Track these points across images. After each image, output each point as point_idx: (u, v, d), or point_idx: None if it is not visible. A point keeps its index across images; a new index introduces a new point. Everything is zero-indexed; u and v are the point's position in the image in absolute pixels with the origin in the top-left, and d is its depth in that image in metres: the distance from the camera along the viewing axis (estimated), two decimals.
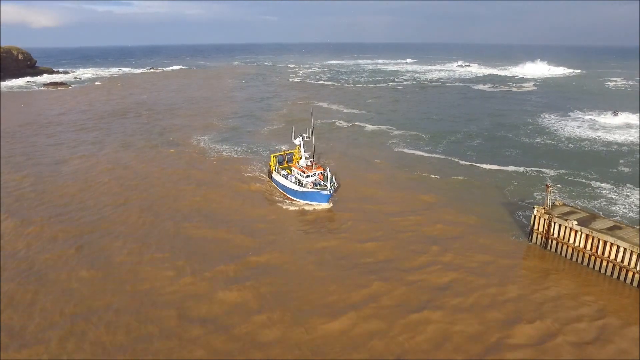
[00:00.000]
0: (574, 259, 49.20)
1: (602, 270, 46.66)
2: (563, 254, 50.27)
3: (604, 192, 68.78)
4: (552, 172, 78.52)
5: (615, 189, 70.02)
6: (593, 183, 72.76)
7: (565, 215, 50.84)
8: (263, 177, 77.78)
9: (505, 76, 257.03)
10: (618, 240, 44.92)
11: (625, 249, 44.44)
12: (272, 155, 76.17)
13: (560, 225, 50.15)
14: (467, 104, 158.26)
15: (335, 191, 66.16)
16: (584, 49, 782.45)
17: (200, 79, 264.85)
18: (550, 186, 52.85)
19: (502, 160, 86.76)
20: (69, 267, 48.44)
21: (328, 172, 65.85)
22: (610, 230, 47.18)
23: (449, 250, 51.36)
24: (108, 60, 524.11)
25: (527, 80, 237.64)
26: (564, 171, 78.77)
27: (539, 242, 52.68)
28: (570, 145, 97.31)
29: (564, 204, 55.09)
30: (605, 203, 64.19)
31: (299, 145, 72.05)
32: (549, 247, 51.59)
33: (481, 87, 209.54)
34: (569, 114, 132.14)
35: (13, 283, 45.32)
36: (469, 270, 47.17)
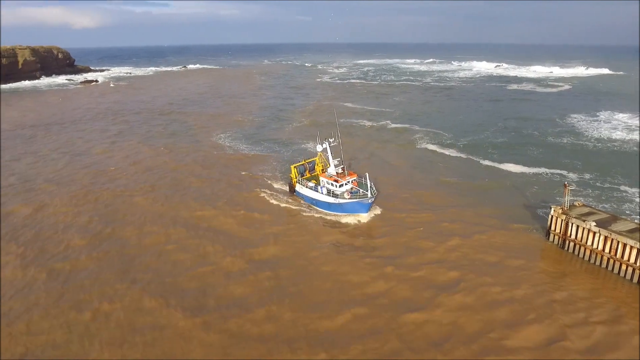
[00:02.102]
0: (592, 261, 47.21)
1: (622, 274, 44.61)
2: (580, 255, 48.32)
3: (632, 196, 65.63)
4: (576, 173, 75.58)
5: None
6: (621, 187, 69.51)
7: (583, 216, 48.83)
8: (277, 176, 76.16)
9: (539, 77, 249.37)
10: (639, 243, 42.82)
11: None
12: (292, 167, 68.40)
13: (577, 226, 48.22)
14: (496, 103, 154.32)
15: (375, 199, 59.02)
16: (625, 49, 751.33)
17: (229, 78, 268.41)
18: (569, 186, 50.89)
19: (525, 159, 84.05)
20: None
21: (367, 178, 58.24)
22: (631, 232, 44.98)
23: (461, 248, 50.18)
24: (143, 59, 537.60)
25: (562, 80, 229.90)
26: (589, 174, 75.53)
27: (556, 243, 50.83)
28: (599, 145, 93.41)
29: (584, 205, 52.94)
30: (633, 207, 61.22)
31: (322, 151, 65.67)
32: (566, 248, 49.70)
33: (514, 86, 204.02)
34: (602, 115, 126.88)
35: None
36: (479, 268, 45.92)
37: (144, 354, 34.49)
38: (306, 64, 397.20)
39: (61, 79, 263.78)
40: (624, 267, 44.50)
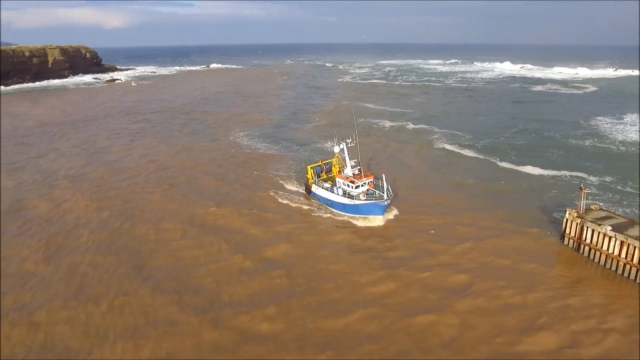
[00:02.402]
0: (608, 266, 46.32)
1: (638, 280, 43.67)
2: (596, 260, 47.45)
3: None
4: (597, 176, 74.12)
5: None
6: None
7: (599, 220, 47.93)
8: (291, 176, 76.42)
9: (564, 78, 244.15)
10: None
11: None
12: (308, 167, 67.72)
13: (593, 231, 47.38)
14: (519, 105, 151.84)
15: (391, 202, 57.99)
16: None
17: (251, 77, 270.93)
18: (584, 189, 50.00)
19: (544, 162, 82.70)
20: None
21: (384, 180, 57.06)
22: None
23: (474, 251, 49.78)
24: (168, 58, 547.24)
25: (589, 81, 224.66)
26: (610, 177, 73.86)
27: (571, 247, 50.03)
28: (622, 149, 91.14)
29: (601, 209, 51.94)
30: None
31: (339, 152, 64.74)
32: (581, 252, 48.88)
33: (538, 88, 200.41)
34: (627, 118, 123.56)
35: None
36: (490, 272, 45.52)
37: (154, 346, 35.42)
38: (328, 64, 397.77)
39: (88, 78, 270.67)
40: None
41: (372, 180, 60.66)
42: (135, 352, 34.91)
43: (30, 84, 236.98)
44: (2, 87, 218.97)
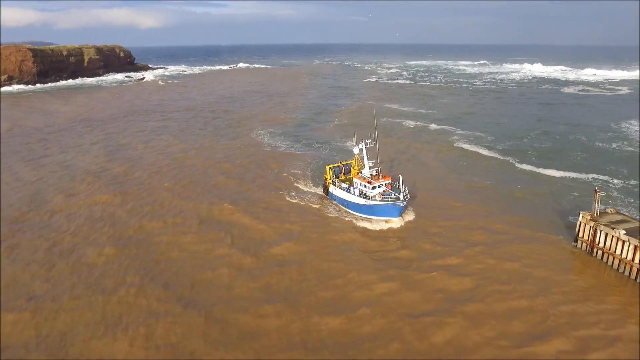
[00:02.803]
0: (621, 271, 45.26)
1: None
2: (609, 264, 46.41)
3: None
4: (621, 180, 72.29)
5: None
6: None
7: (614, 224, 46.84)
8: (307, 175, 76.33)
9: (597, 80, 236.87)
10: None
11: None
12: (327, 167, 66.99)
13: (606, 234, 46.38)
14: (547, 107, 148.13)
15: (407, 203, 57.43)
16: None
17: (278, 77, 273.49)
18: (599, 191, 48.92)
19: (567, 165, 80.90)
20: None
21: (400, 182, 56.81)
22: None
23: (482, 255, 49.10)
24: (199, 58, 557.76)
25: (622, 83, 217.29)
26: (635, 181, 71.83)
27: (584, 251, 49.09)
28: None
29: (617, 212, 50.71)
30: None
31: (358, 154, 63.99)
32: (594, 256, 47.91)
33: (569, 90, 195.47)
34: None
35: None
36: (498, 276, 44.87)
37: (163, 332, 36.73)
38: (355, 65, 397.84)
39: (120, 76, 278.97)
40: None
41: (389, 182, 59.67)
42: (146, 339, 36.25)
43: (65, 82, 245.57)
44: (37, 84, 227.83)
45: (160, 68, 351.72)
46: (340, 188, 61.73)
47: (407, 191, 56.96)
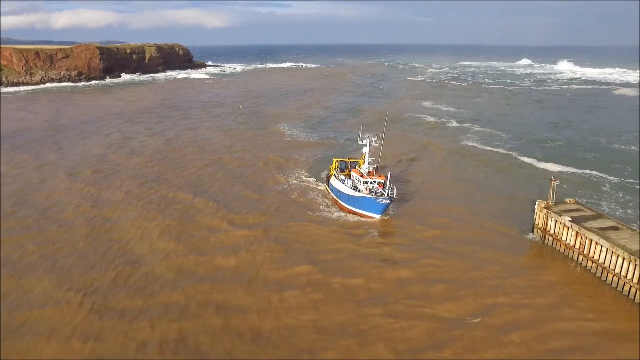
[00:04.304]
0: (567, 254, 47.53)
1: (592, 270, 44.48)
2: (557, 249, 48.76)
3: None
4: (619, 177, 72.95)
5: None
6: None
7: (567, 212, 48.97)
8: (309, 164, 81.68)
9: None
10: (601, 240, 42.79)
11: (607, 250, 42.21)
12: (334, 160, 70.03)
13: (556, 221, 48.64)
14: (583, 110, 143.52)
15: (391, 203, 58.59)
16: None
17: (323, 75, 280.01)
18: (554, 180, 51.04)
19: (570, 161, 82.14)
20: None
21: (388, 180, 57.72)
22: (603, 230, 44.70)
23: (437, 239, 52.49)
24: (257, 56, 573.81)
25: None
26: (634, 179, 71.71)
27: (538, 237, 51.48)
28: None
29: (576, 202, 52.49)
30: None
31: (365, 152, 63.64)
32: (545, 243, 50.25)
33: (625, 91, 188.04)
34: None
35: None
36: (439, 254, 48.68)
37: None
38: (403, 65, 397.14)
39: (177, 73, 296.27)
40: (589, 263, 44.52)
41: (381, 181, 59.43)
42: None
43: (122, 78, 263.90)
44: (94, 81, 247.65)
45: (216, 66, 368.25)
46: (338, 179, 64.08)
47: (394, 191, 58.28)
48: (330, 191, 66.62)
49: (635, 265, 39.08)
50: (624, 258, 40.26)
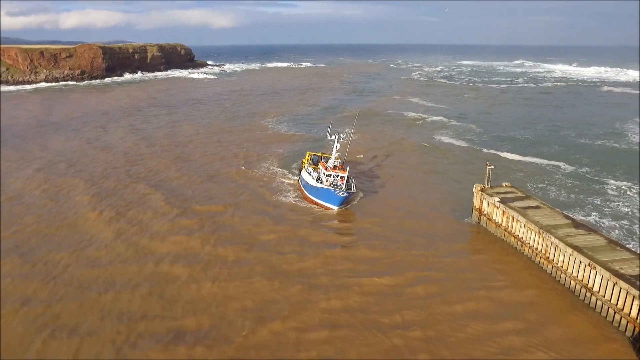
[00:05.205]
0: (496, 234, 51.66)
1: (515, 246, 48.56)
2: (489, 229, 52.87)
3: (605, 189, 66.51)
4: (574, 167, 77.39)
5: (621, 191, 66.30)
6: (609, 181, 69.82)
7: (499, 194, 53.07)
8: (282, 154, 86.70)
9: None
10: (520, 217, 46.91)
11: (523, 225, 46.35)
12: (307, 153, 73.39)
13: (488, 202, 52.78)
14: (566, 107, 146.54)
15: (350, 196, 61.94)
16: None
17: (319, 75, 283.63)
18: (489, 165, 55.24)
19: (532, 151, 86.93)
20: None
21: (346, 173, 61.31)
22: (525, 209, 48.78)
23: (377, 226, 55.88)
24: (259, 56, 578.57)
25: None
26: (588, 168, 76.35)
27: (475, 219, 55.61)
28: (635, 149, 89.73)
29: (511, 186, 56.50)
30: (600, 198, 62.79)
31: (334, 145, 66.47)
32: (480, 223, 54.40)
33: (611, 88, 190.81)
34: None
35: None
36: (375, 238, 52.77)
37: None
38: (401, 64, 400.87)
39: (178, 72, 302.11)
40: (512, 239, 48.68)
41: (344, 175, 61.88)
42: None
43: (124, 77, 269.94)
44: (97, 80, 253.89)
45: (217, 65, 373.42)
46: (307, 171, 66.89)
47: (352, 185, 62.06)
48: (299, 182, 70.05)
49: (543, 237, 43.29)
50: (535, 232, 44.44)
